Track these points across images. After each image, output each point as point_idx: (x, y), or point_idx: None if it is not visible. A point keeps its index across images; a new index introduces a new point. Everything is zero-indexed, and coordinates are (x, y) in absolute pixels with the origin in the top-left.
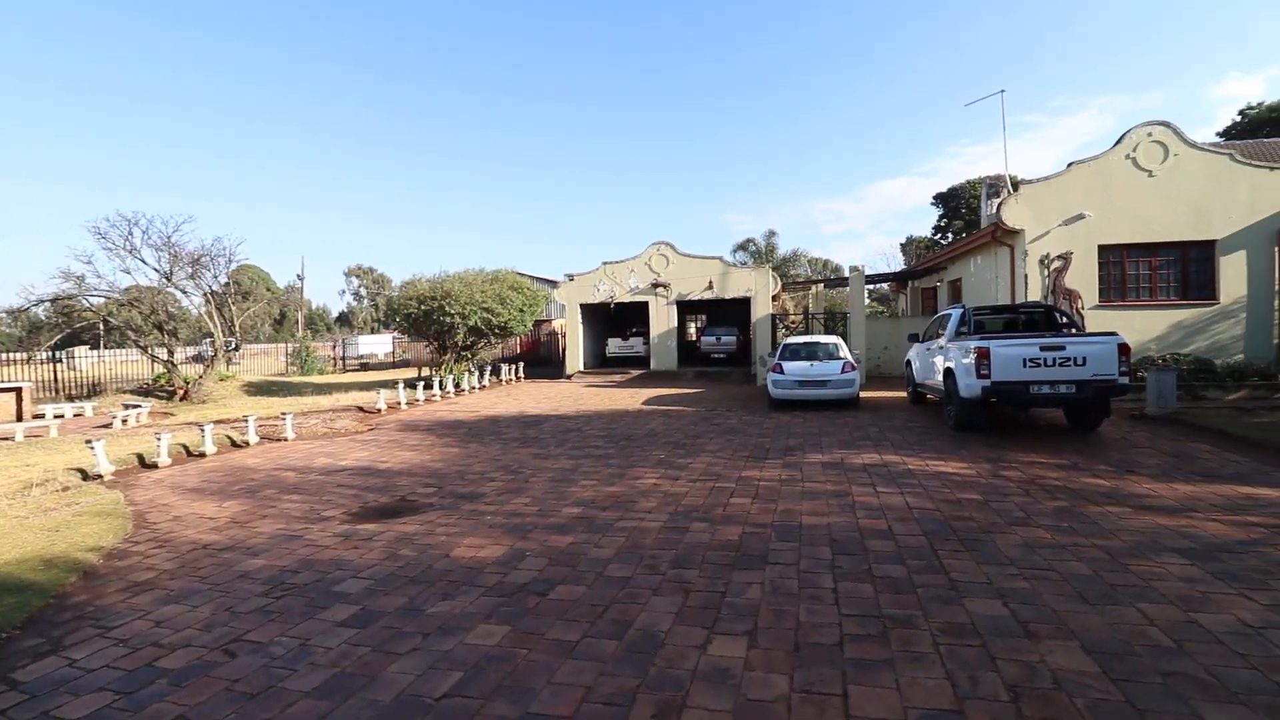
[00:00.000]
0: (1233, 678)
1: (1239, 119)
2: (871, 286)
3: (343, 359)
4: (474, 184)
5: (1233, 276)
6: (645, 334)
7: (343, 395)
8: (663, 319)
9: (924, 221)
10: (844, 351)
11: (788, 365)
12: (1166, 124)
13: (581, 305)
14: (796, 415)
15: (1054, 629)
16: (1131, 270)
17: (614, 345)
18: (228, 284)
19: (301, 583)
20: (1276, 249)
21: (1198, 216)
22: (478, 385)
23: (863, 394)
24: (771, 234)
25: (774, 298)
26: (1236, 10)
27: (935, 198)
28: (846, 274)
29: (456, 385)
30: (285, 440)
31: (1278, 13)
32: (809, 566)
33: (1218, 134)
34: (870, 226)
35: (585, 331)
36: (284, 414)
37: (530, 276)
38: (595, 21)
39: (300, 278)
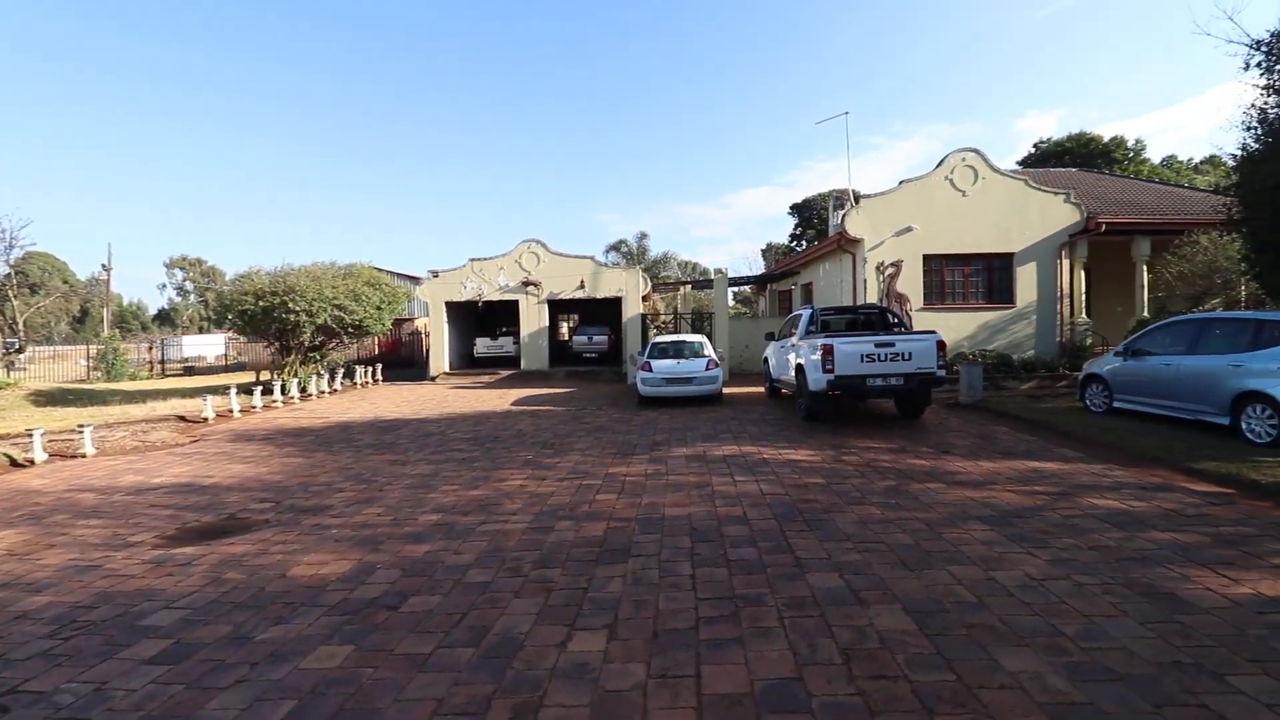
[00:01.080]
0: (1020, 624)
1: (1034, 150)
2: (734, 289)
3: (162, 362)
4: (329, 177)
5: (1026, 284)
6: (515, 333)
7: (160, 403)
8: (534, 318)
9: (782, 229)
10: (709, 350)
11: (656, 363)
12: (976, 151)
13: (447, 303)
14: (664, 411)
15: (881, 594)
16: (949, 277)
17: (482, 345)
18: (9, 274)
19: (99, 619)
20: (1058, 262)
21: (1000, 232)
22: (328, 389)
23: (726, 390)
24: (643, 236)
25: (644, 298)
26: (1035, 58)
27: (791, 207)
28: (713, 276)
29: (303, 390)
30: (83, 457)
31: (1064, 64)
32: (670, 556)
33: (1018, 162)
34: (735, 232)
35: (451, 331)
36: (82, 426)
37: (390, 272)
38: (467, 12)
39: (106, 268)
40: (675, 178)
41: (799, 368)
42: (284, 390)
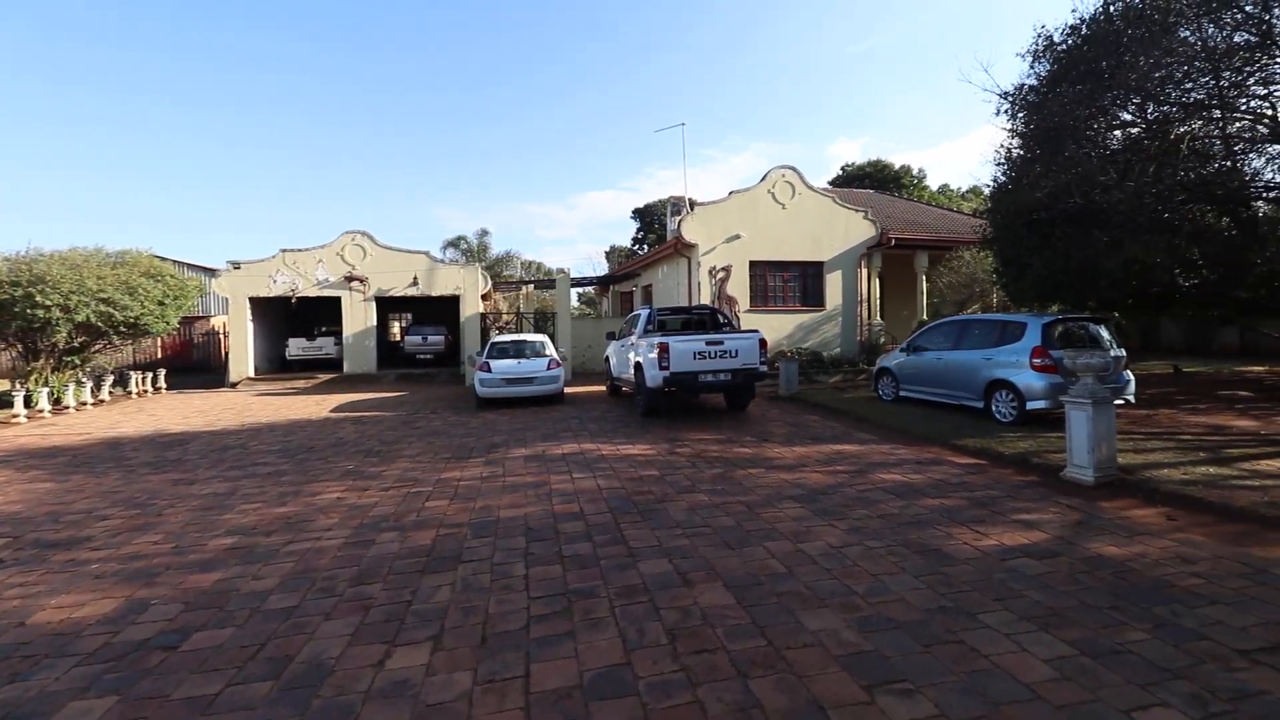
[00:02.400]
0: (822, 588)
1: (841, 173)
2: (579, 289)
3: None
4: (107, 161)
5: (834, 290)
6: (337, 333)
7: None
8: (359, 317)
9: (626, 232)
10: (550, 349)
11: (495, 364)
12: (793, 168)
13: (252, 299)
14: (504, 412)
15: (705, 575)
16: (772, 281)
17: (296, 346)
18: None
19: None
20: (859, 270)
21: (813, 242)
22: (91, 401)
23: (568, 389)
24: (484, 233)
25: (485, 297)
26: (847, 90)
27: (634, 212)
28: (556, 277)
29: (57, 402)
30: None
31: (869, 98)
32: (503, 558)
33: (829, 182)
34: (580, 233)
35: (257, 330)
36: None
37: (177, 262)
38: None
39: None
40: (520, 176)
41: (637, 365)
42: (29, 402)
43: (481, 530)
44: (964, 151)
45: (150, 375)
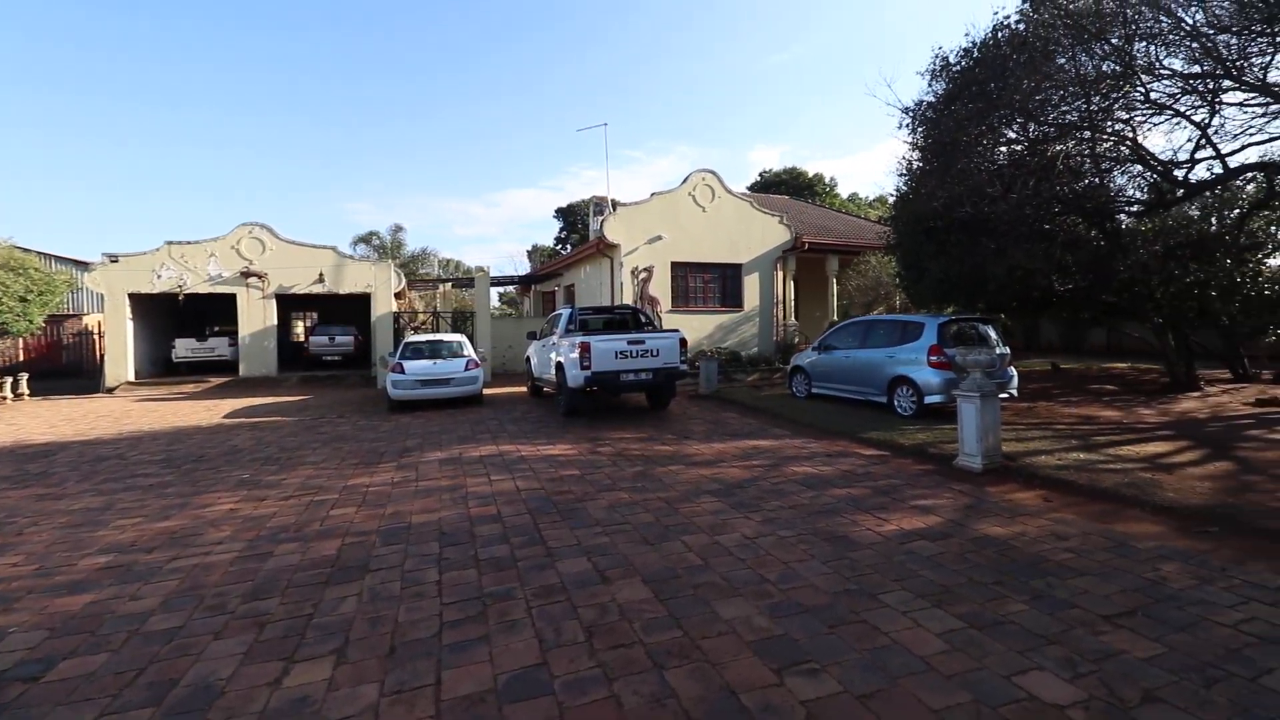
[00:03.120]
0: (737, 578)
1: (759, 179)
2: (500, 289)
3: None
4: None
5: (752, 291)
6: (233, 333)
7: None
8: (257, 315)
9: (549, 232)
10: (468, 350)
11: (409, 364)
12: (713, 172)
13: (133, 295)
14: (419, 415)
15: (623, 571)
16: (693, 283)
17: (184, 347)
18: None
19: None
20: (775, 273)
21: (732, 245)
22: None
23: (488, 390)
24: (399, 229)
25: (399, 295)
26: (766, 99)
27: (557, 211)
28: (474, 275)
29: None
30: None
31: (786, 107)
32: (414, 565)
33: (748, 187)
34: (501, 232)
35: (139, 330)
36: None
37: (43, 254)
38: None
39: None
40: (438, 172)
41: (559, 365)
42: None
43: (392, 537)
44: (871, 162)
45: (10, 380)
